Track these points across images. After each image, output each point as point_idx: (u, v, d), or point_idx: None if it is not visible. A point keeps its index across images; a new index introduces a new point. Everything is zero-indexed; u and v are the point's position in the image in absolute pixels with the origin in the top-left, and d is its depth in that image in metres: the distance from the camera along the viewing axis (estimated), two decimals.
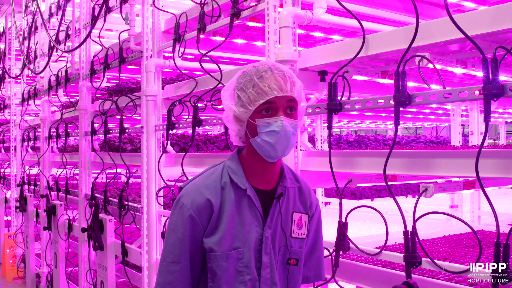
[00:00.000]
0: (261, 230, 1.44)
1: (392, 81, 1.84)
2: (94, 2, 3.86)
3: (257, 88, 1.37)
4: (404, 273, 1.64)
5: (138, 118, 3.73)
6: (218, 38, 2.88)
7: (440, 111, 4.92)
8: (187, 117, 2.79)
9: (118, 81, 3.99)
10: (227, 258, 1.40)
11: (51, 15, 5.06)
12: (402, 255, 1.65)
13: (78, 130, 4.33)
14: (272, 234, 1.46)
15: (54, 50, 4.65)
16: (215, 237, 1.40)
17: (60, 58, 4.73)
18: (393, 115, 1.61)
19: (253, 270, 1.42)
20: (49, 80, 5.04)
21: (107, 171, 4.01)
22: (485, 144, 1.60)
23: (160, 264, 1.45)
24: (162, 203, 3.09)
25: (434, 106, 4.41)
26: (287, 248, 1.49)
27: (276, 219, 1.46)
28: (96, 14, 3.73)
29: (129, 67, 3.93)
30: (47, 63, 4.76)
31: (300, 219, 1.52)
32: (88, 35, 3.76)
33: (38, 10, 5.00)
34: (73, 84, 4.59)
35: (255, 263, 1.43)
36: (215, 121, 2.60)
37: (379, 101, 1.71)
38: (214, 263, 1.40)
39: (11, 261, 6.35)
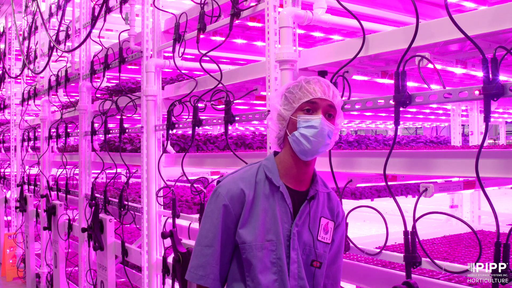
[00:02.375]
0: (289, 227, 1.53)
1: (392, 81, 1.84)
2: (94, 2, 3.86)
3: (304, 89, 1.52)
4: (404, 273, 1.64)
5: (138, 118, 3.73)
6: (218, 38, 2.88)
7: (440, 111, 4.91)
8: (187, 117, 2.79)
9: (118, 81, 3.99)
10: (262, 248, 1.50)
11: (51, 15, 5.06)
12: (402, 255, 1.65)
13: (78, 130, 4.32)
14: (299, 233, 1.54)
15: (54, 50, 4.65)
16: (249, 228, 1.51)
17: (60, 58, 4.73)
18: (393, 115, 1.61)
19: (284, 263, 1.51)
20: (49, 80, 5.04)
21: (107, 171, 4.00)
22: (485, 144, 1.60)
23: (195, 248, 1.56)
24: (162, 203, 3.09)
25: (434, 106, 4.40)
26: (313, 249, 1.56)
27: (304, 219, 1.55)
28: (96, 14, 3.73)
29: (129, 67, 3.93)
30: (47, 63, 4.76)
31: (327, 225, 1.60)
32: (88, 35, 3.76)
33: (38, 10, 4.99)
34: (73, 84, 4.59)
35: (285, 257, 1.51)
36: (215, 121, 2.59)
37: (379, 101, 1.71)
38: (250, 254, 1.50)
39: (11, 261, 6.35)
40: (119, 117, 3.55)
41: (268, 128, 1.74)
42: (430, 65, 1.66)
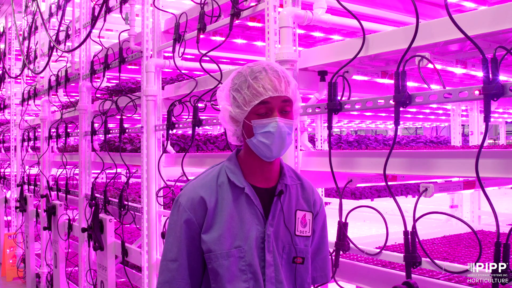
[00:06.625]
0: (263, 228, 1.44)
1: (392, 81, 1.84)
2: (94, 2, 3.86)
3: (252, 89, 1.39)
4: (404, 273, 1.64)
5: (138, 118, 3.73)
6: (218, 38, 2.88)
7: (440, 111, 4.92)
8: (187, 117, 2.79)
9: (118, 81, 3.99)
10: (228, 256, 1.40)
11: (51, 15, 5.06)
12: (402, 255, 1.65)
13: (78, 130, 4.33)
14: (275, 232, 1.46)
15: (54, 50, 4.65)
16: (213, 235, 1.41)
17: (60, 58, 4.73)
18: (393, 115, 1.61)
19: (256, 268, 1.42)
20: (49, 80, 5.04)
21: (107, 171, 4.01)
22: (485, 144, 1.60)
23: (160, 263, 1.48)
24: (162, 203, 3.09)
25: (434, 106, 4.41)
26: (293, 246, 1.48)
27: (278, 216, 1.46)
28: (96, 14, 3.73)
29: (129, 67, 3.93)
30: (47, 63, 4.76)
31: (304, 217, 1.52)
32: (88, 35, 3.76)
33: (38, 10, 4.99)
34: (73, 84, 4.59)
35: (259, 262, 1.43)
36: (215, 121, 2.60)
37: (379, 101, 1.71)
38: (215, 263, 1.41)
39: (11, 261, 6.35)
40: (119, 117, 3.55)
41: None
42: (430, 65, 1.66)
